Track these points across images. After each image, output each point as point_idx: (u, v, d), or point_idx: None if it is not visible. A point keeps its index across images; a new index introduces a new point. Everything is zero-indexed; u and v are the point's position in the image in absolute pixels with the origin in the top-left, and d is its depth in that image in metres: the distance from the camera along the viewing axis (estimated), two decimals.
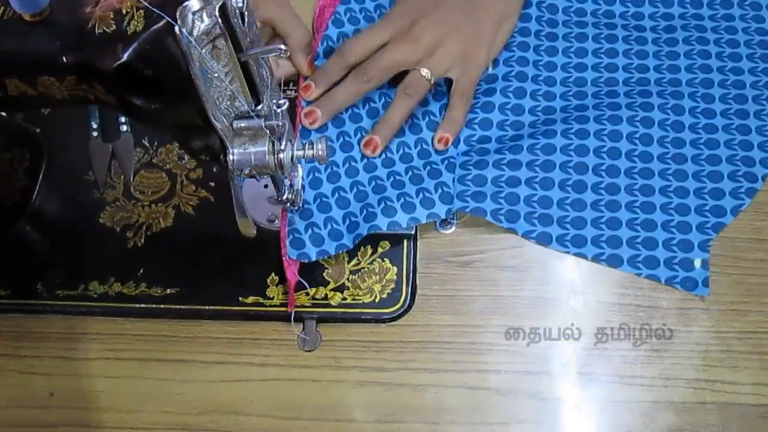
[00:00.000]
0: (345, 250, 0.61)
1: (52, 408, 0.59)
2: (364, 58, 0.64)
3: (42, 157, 0.69)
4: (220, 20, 0.44)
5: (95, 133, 0.69)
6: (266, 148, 0.51)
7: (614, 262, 0.62)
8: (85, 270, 0.63)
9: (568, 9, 0.73)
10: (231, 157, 0.51)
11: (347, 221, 0.61)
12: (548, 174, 0.64)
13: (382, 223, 0.61)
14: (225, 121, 0.49)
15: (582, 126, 0.66)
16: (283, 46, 0.48)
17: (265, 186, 0.64)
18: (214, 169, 0.67)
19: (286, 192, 0.57)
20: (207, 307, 0.61)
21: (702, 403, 0.57)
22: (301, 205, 0.61)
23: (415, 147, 0.66)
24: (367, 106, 0.65)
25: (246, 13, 0.47)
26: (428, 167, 0.64)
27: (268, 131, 0.50)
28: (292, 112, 0.67)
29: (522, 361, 0.59)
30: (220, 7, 0.44)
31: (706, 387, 0.57)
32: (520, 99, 0.68)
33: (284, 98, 0.53)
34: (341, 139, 0.64)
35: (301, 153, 0.53)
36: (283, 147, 0.51)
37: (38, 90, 0.49)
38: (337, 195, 0.62)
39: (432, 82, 0.64)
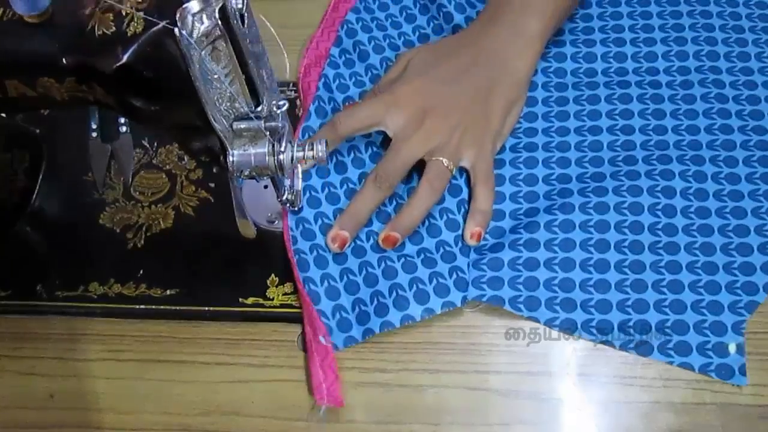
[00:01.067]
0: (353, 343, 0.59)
1: (52, 409, 0.59)
2: (358, 133, 0.62)
3: (42, 157, 0.69)
4: (219, 22, 0.45)
5: (95, 134, 0.69)
6: (266, 150, 0.51)
7: (644, 351, 0.58)
8: (85, 271, 0.63)
9: (577, 71, 0.69)
10: (231, 158, 0.51)
11: (357, 309, 0.59)
12: (568, 254, 0.61)
13: (395, 319, 0.58)
14: (225, 122, 0.49)
15: (601, 199, 0.62)
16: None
17: (265, 187, 0.64)
18: (214, 170, 0.67)
19: (286, 193, 0.57)
20: (207, 308, 0.61)
21: (702, 404, 0.57)
22: (300, 205, 0.61)
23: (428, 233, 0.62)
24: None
25: (245, 14, 0.47)
26: (441, 249, 0.61)
27: (268, 132, 0.51)
28: (292, 114, 0.68)
29: (522, 361, 0.59)
30: (219, 9, 0.44)
31: (706, 387, 0.57)
32: (532, 168, 0.65)
33: (284, 99, 0.53)
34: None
35: (300, 154, 0.53)
36: (282, 148, 0.51)
37: (38, 91, 0.49)
38: (345, 278, 0.60)
39: (452, 171, 0.61)
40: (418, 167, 0.62)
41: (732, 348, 0.58)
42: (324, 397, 0.56)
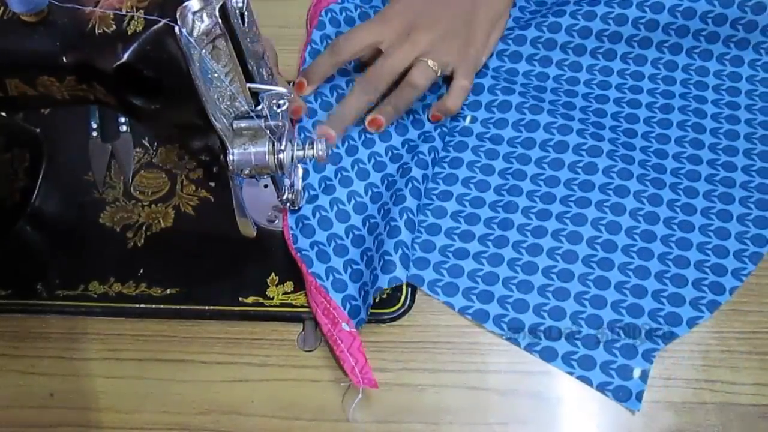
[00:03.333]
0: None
1: (52, 408, 0.59)
2: (357, 55, 0.65)
3: (42, 157, 0.69)
4: (220, 20, 0.45)
5: (95, 133, 0.69)
6: (266, 148, 0.51)
7: (548, 356, 0.58)
8: (85, 270, 0.63)
9: (559, 77, 0.70)
10: (231, 157, 0.51)
11: (362, 293, 0.60)
12: (499, 250, 0.62)
13: (383, 282, 0.59)
14: (225, 121, 0.49)
15: (546, 206, 0.63)
16: (289, 92, 0.50)
17: (265, 186, 0.64)
18: (214, 170, 0.67)
19: (286, 192, 0.57)
20: (207, 307, 0.61)
21: (702, 403, 0.57)
22: (300, 204, 0.61)
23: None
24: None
25: (246, 13, 0.47)
26: (387, 226, 0.61)
27: (268, 131, 0.51)
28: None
29: (522, 361, 0.59)
30: (220, 8, 0.44)
31: (706, 387, 0.57)
32: (491, 159, 0.66)
33: (284, 98, 0.53)
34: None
35: (301, 153, 0.53)
36: (283, 147, 0.51)
37: (38, 90, 0.49)
38: (349, 269, 0.61)
39: (438, 73, 0.64)
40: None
41: (636, 373, 0.57)
42: (360, 380, 0.56)
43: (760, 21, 0.68)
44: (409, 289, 0.61)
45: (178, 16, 0.43)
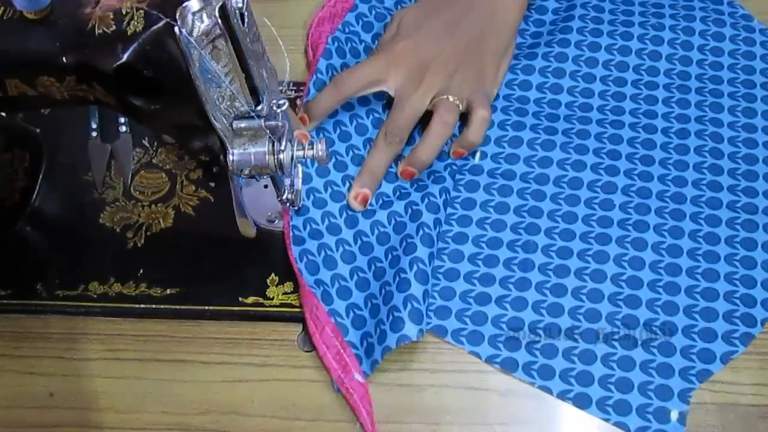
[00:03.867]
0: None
1: (51, 408, 0.59)
2: (361, 93, 0.64)
3: (42, 157, 0.69)
4: (219, 21, 0.44)
5: (95, 133, 0.69)
6: (266, 149, 0.51)
7: (582, 403, 0.56)
8: (85, 270, 0.63)
9: (572, 104, 0.69)
10: (231, 157, 0.51)
11: (378, 330, 0.58)
12: (522, 293, 0.60)
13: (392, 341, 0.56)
14: (225, 121, 0.49)
15: (566, 244, 0.62)
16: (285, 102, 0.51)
17: (265, 186, 0.64)
18: (214, 170, 0.67)
19: (286, 192, 0.57)
20: (207, 308, 0.61)
21: (702, 403, 0.57)
22: (300, 205, 0.61)
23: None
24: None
25: (246, 13, 0.47)
26: (397, 278, 0.59)
27: (268, 131, 0.51)
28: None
29: None
30: (219, 8, 0.44)
31: (705, 387, 0.57)
32: (505, 197, 0.64)
33: (284, 98, 0.53)
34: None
35: (301, 153, 0.53)
36: (283, 147, 0.51)
37: (38, 90, 0.49)
38: (369, 304, 0.59)
39: (461, 107, 0.64)
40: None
41: (674, 415, 0.55)
42: (373, 430, 0.55)
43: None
44: None
45: (177, 17, 0.43)
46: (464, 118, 0.65)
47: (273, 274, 0.62)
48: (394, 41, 0.65)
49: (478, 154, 0.66)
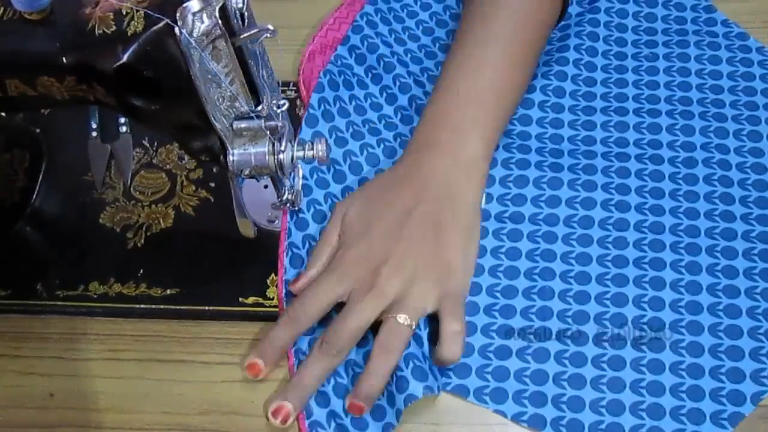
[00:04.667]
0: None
1: (51, 408, 0.59)
2: (318, 318, 0.57)
3: (42, 157, 0.69)
4: (219, 21, 0.45)
5: (95, 134, 0.69)
6: (266, 149, 0.51)
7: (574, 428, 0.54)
8: (85, 270, 0.63)
9: (574, 138, 0.67)
10: (231, 157, 0.51)
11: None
12: (543, 344, 0.58)
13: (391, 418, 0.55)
14: (225, 121, 0.49)
15: (582, 288, 0.59)
16: (270, 26, 0.47)
17: (265, 186, 0.64)
18: (214, 170, 0.67)
19: (286, 192, 0.57)
20: (207, 308, 0.61)
21: None
22: (300, 206, 0.61)
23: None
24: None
25: (246, 13, 0.47)
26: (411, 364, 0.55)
27: (268, 132, 0.51)
28: (292, 113, 0.68)
29: None
30: (220, 8, 0.44)
31: None
32: (516, 242, 0.62)
33: (284, 99, 0.53)
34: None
35: (301, 153, 0.53)
36: (283, 148, 0.51)
37: (38, 90, 0.49)
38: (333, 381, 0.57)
39: (413, 327, 0.56)
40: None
41: None
42: None
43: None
44: None
45: (177, 17, 0.43)
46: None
47: (273, 274, 0.62)
48: (340, 251, 0.59)
49: (483, 197, 0.63)
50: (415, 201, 0.59)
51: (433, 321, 0.58)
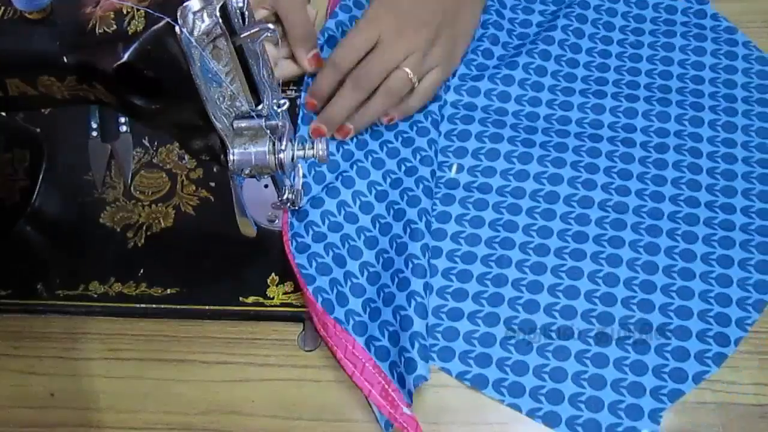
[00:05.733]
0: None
1: (52, 408, 0.59)
2: (358, 62, 0.64)
3: (42, 157, 0.69)
4: (220, 20, 0.44)
5: (95, 133, 0.69)
6: (267, 148, 0.51)
7: (551, 420, 0.56)
8: (86, 270, 0.63)
9: (550, 117, 0.68)
10: (231, 157, 0.51)
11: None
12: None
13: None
14: (225, 121, 0.49)
15: (573, 283, 0.60)
16: (270, 26, 0.47)
17: (266, 186, 0.64)
18: (215, 169, 0.67)
19: (287, 192, 0.57)
20: (207, 307, 0.61)
21: (702, 403, 0.57)
22: (300, 205, 0.61)
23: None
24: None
25: (246, 13, 0.47)
26: (398, 315, 0.57)
27: (268, 131, 0.51)
28: (293, 112, 0.68)
29: None
30: (220, 8, 0.44)
31: (706, 387, 0.57)
32: (481, 211, 0.64)
33: (284, 98, 0.53)
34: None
35: (301, 153, 0.53)
36: (283, 147, 0.51)
37: (38, 90, 0.49)
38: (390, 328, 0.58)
39: (415, 83, 0.64)
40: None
41: None
42: None
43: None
44: None
45: (178, 16, 0.43)
46: None
47: (273, 274, 0.62)
48: (372, 8, 0.65)
49: (454, 167, 0.66)
50: None
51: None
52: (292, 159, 0.53)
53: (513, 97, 0.69)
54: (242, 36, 0.47)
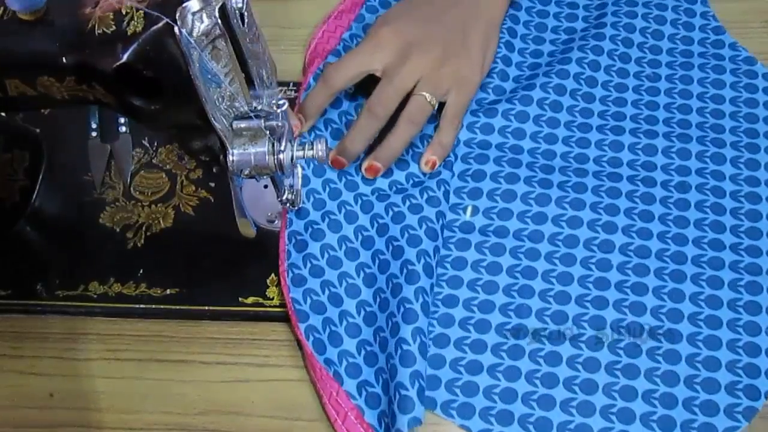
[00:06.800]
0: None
1: (51, 408, 0.59)
2: (350, 83, 0.63)
3: (42, 157, 0.69)
4: (219, 21, 0.44)
5: (94, 133, 0.69)
6: (266, 149, 0.51)
7: None
8: (85, 270, 0.63)
9: (567, 155, 0.65)
10: (231, 157, 0.51)
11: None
12: (515, 362, 0.57)
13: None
14: (225, 121, 0.49)
15: (561, 307, 0.58)
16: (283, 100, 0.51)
17: (265, 186, 0.64)
18: (214, 170, 0.67)
19: (286, 192, 0.57)
20: (207, 308, 0.61)
21: None
22: (300, 205, 0.61)
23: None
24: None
25: (246, 13, 0.47)
26: (399, 349, 0.55)
27: (268, 132, 0.50)
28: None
29: None
30: (219, 8, 0.44)
31: None
32: (497, 256, 0.61)
33: (284, 98, 0.53)
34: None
35: (300, 153, 0.53)
36: (282, 147, 0.51)
37: (38, 90, 0.49)
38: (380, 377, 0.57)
39: (435, 106, 0.62)
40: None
41: None
42: None
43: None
44: None
45: (177, 17, 0.43)
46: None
47: (273, 274, 0.62)
48: (376, 28, 0.65)
49: (469, 210, 0.63)
50: (448, 5, 0.66)
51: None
52: (292, 159, 0.53)
53: (528, 134, 0.66)
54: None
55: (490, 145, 0.66)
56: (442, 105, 0.64)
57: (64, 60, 0.47)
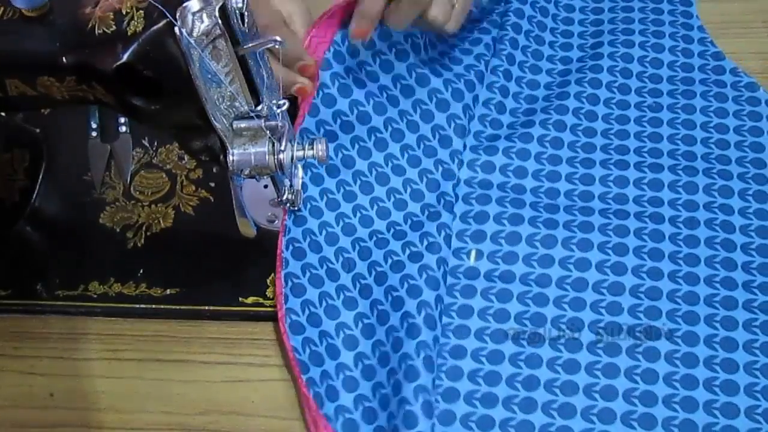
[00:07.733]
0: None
1: (52, 408, 0.59)
2: None
3: (42, 157, 0.69)
4: (219, 21, 0.44)
5: (94, 133, 0.69)
6: (266, 149, 0.51)
7: None
8: (85, 270, 0.63)
9: (571, 192, 0.63)
10: (231, 157, 0.51)
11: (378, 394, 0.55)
12: (528, 416, 0.55)
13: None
14: (225, 121, 0.49)
15: (574, 335, 0.57)
16: (278, 38, 0.47)
17: (265, 186, 0.64)
18: (214, 170, 0.67)
19: (286, 192, 0.57)
20: (207, 308, 0.61)
21: None
22: (300, 205, 0.61)
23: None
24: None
25: (246, 13, 0.47)
26: (403, 364, 0.54)
27: (268, 131, 0.51)
28: (293, 113, 0.67)
29: None
30: (219, 8, 0.44)
31: None
32: (505, 303, 0.59)
33: (284, 98, 0.53)
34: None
35: (301, 153, 0.53)
36: (283, 147, 0.51)
37: (38, 90, 0.49)
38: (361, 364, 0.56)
39: None
40: None
41: None
42: None
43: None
44: None
45: (177, 17, 0.43)
46: None
47: (273, 274, 0.62)
48: None
49: (473, 254, 0.61)
50: None
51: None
52: (292, 159, 0.53)
53: (530, 173, 0.64)
54: (248, 47, 0.46)
55: (492, 185, 0.64)
56: None
57: (64, 60, 0.47)
